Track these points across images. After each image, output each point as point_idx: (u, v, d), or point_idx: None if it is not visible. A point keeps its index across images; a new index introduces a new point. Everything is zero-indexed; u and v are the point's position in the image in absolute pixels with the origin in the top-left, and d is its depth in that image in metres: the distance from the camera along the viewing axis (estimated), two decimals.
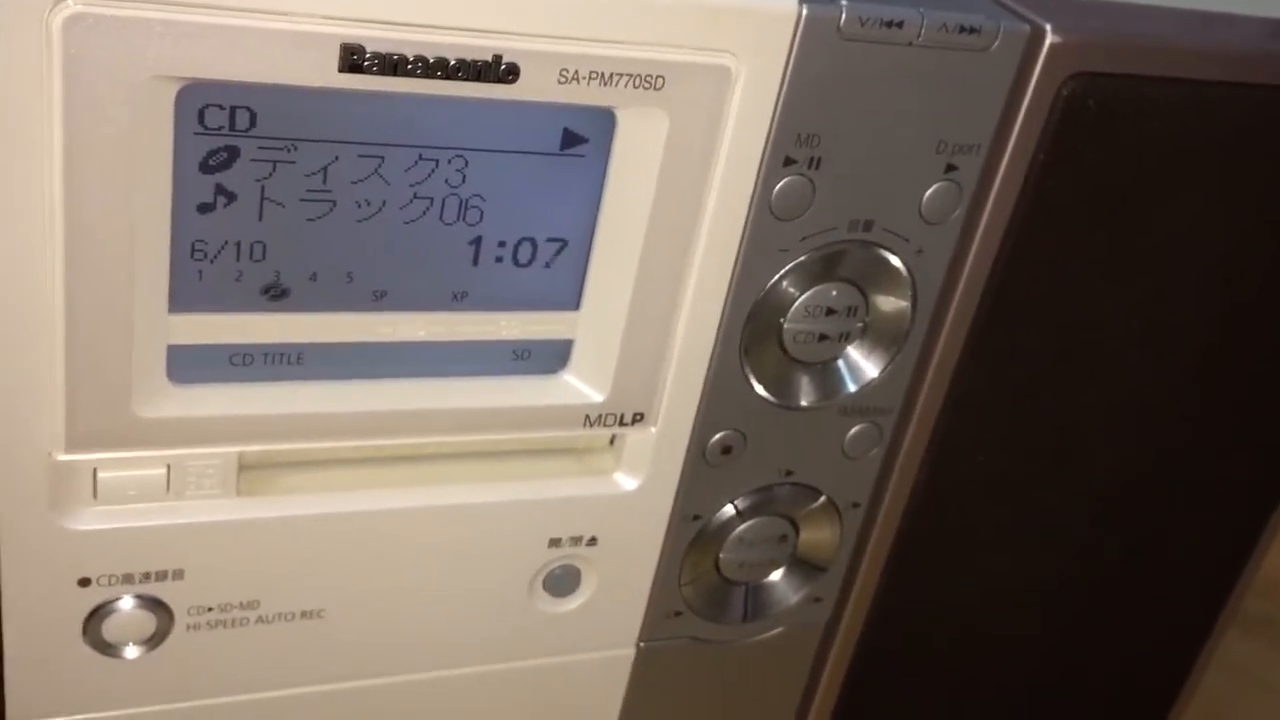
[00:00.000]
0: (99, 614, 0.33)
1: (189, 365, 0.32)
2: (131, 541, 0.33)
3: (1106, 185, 0.37)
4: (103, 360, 0.30)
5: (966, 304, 0.38)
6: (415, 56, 0.28)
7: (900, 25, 0.33)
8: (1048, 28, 0.34)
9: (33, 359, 0.29)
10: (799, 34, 0.32)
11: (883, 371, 0.38)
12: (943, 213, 0.36)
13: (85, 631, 0.33)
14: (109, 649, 0.34)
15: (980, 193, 0.36)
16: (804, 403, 0.38)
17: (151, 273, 0.30)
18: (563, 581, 0.39)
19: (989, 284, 0.38)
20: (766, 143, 0.33)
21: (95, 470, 0.32)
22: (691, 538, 0.40)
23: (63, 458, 0.31)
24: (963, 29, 0.33)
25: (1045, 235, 0.37)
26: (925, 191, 0.36)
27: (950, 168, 0.36)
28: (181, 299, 0.31)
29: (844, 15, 0.32)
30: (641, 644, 0.42)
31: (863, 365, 0.38)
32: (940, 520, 0.43)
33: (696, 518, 0.40)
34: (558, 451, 0.38)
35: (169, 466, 0.32)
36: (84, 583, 0.33)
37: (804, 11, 0.31)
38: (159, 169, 0.29)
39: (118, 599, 0.33)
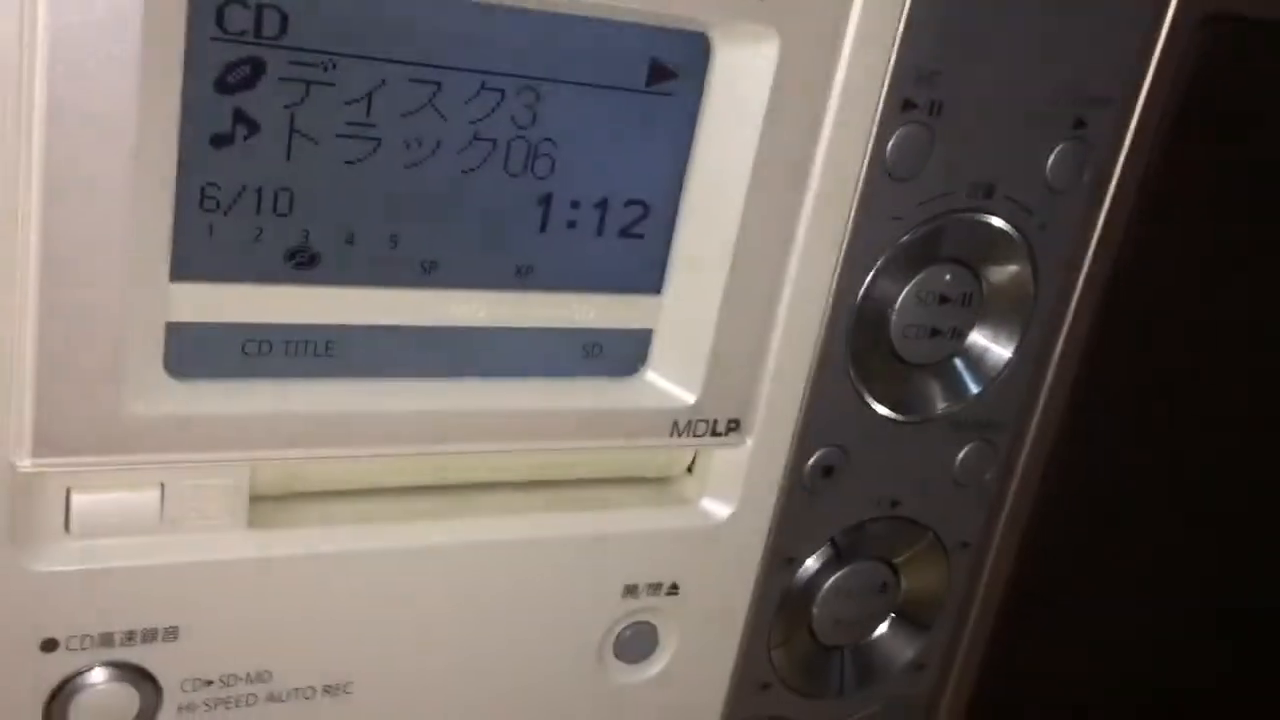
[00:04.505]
0: (67, 689, 0.25)
1: (193, 352, 0.25)
2: (112, 588, 0.25)
3: (1245, 149, 0.33)
4: (85, 336, 0.23)
5: (1091, 286, 0.33)
6: None
7: None
8: None
9: None
10: None
11: (1005, 366, 0.32)
12: (1069, 178, 0.31)
13: (49, 715, 0.25)
14: None
15: (1108, 157, 0.32)
16: (918, 413, 0.32)
17: (151, 222, 0.23)
18: (637, 643, 0.32)
19: (1115, 265, 0.33)
20: (885, 77, 0.28)
21: (69, 490, 0.24)
22: (784, 589, 0.33)
23: (27, 468, 0.23)
24: None
25: (1176, 207, 0.33)
26: (1051, 152, 0.31)
27: (1079, 123, 0.31)
28: (187, 262, 0.24)
29: None
30: None
31: (983, 358, 0.32)
32: (1055, 561, 0.37)
33: (790, 560, 0.33)
34: (628, 481, 0.31)
35: (163, 486, 0.25)
36: (49, 645, 0.25)
37: None
38: (165, 81, 0.22)
39: (91, 669, 0.26)
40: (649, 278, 0.29)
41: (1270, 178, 0.33)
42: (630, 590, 0.31)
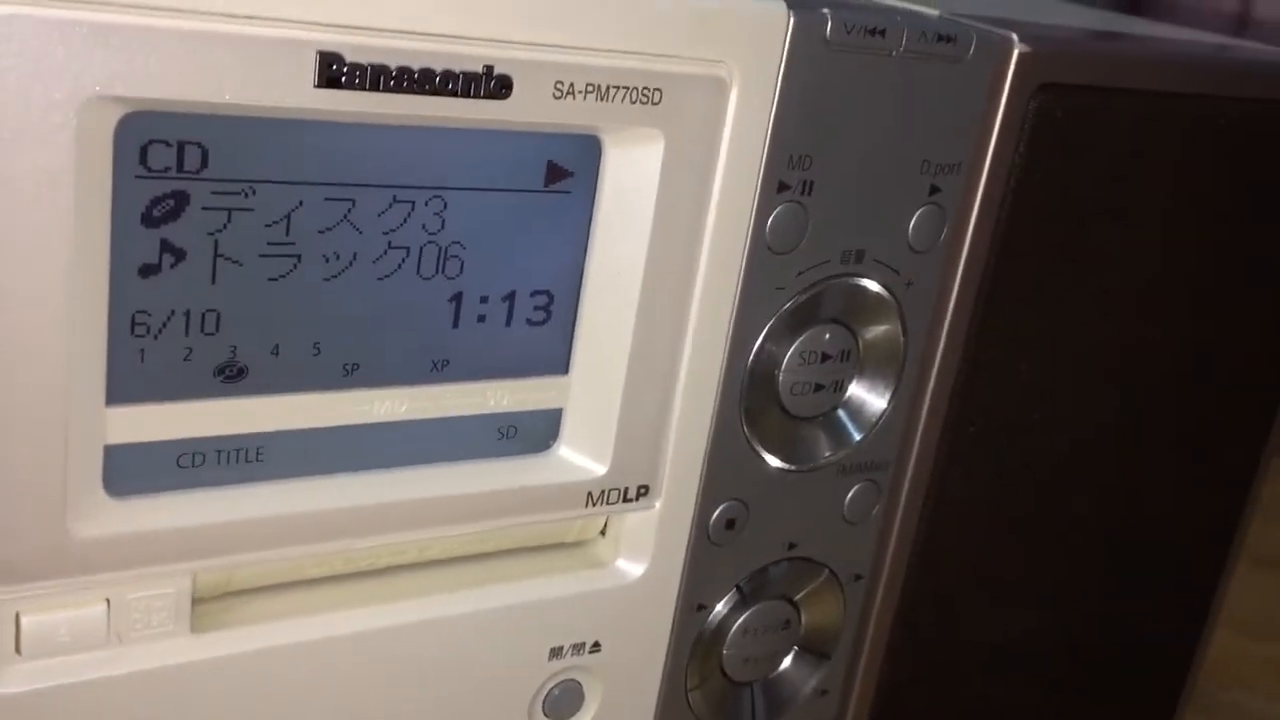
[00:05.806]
0: None
1: (130, 471, 0.26)
2: (65, 704, 0.26)
3: (1078, 198, 0.36)
4: (27, 467, 0.24)
5: (955, 334, 0.36)
6: (399, 69, 0.25)
7: (883, 33, 0.31)
8: (1014, 37, 0.33)
9: None
10: (789, 41, 0.29)
11: (883, 414, 0.35)
12: (929, 239, 0.34)
13: None
14: None
15: (961, 216, 0.35)
16: (807, 462, 0.35)
17: (86, 353, 0.24)
18: (566, 701, 0.33)
19: (974, 312, 0.36)
20: (760, 165, 0.30)
21: (18, 614, 0.25)
22: (696, 635, 0.35)
23: None
24: (940, 38, 0.32)
25: (1024, 255, 0.36)
26: (912, 217, 0.34)
27: (934, 189, 0.34)
28: (121, 387, 0.25)
29: (830, 23, 0.30)
30: None
31: (863, 408, 0.35)
32: (940, 584, 0.40)
33: (701, 607, 0.35)
34: (546, 549, 0.33)
35: (109, 600, 0.26)
36: None
37: (793, 18, 0.29)
38: (94, 221, 0.24)
39: None
40: (556, 360, 0.31)
41: (1109, 225, 0.37)
42: (556, 652, 0.33)
